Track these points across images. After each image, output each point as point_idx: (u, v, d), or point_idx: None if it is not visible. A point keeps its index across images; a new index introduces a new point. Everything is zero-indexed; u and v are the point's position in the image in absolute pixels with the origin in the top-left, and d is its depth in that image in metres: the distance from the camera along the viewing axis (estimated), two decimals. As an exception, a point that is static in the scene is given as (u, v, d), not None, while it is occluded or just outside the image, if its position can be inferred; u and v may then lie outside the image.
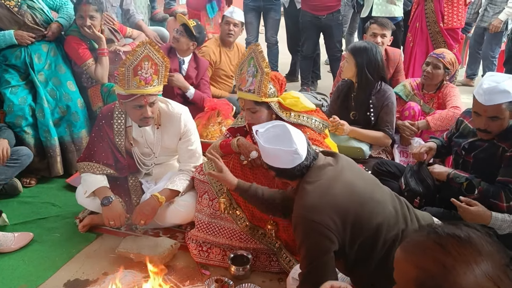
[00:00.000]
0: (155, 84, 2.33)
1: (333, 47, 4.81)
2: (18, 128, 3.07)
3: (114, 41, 3.50)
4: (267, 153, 1.78)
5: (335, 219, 1.61)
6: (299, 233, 1.67)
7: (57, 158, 3.16)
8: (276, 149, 1.74)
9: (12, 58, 3.17)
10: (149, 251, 2.29)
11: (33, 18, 3.18)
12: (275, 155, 1.76)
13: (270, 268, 2.30)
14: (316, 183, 1.70)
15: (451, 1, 4.17)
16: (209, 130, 3.50)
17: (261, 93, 2.24)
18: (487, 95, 2.07)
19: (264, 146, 1.76)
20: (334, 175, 1.72)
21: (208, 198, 2.40)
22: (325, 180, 1.70)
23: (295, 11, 5.06)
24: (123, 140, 2.53)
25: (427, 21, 4.25)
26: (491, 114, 2.11)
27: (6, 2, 3.08)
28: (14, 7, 3.11)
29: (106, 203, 2.39)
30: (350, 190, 1.69)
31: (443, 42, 4.23)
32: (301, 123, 2.36)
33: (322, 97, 4.25)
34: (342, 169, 1.75)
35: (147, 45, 2.27)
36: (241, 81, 2.30)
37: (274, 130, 1.79)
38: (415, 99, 3.34)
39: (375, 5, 4.32)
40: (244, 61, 2.31)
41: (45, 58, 3.27)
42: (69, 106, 3.23)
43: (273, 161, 1.78)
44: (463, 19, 4.28)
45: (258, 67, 2.22)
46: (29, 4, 3.18)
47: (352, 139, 3.02)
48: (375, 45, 3.05)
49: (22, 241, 2.45)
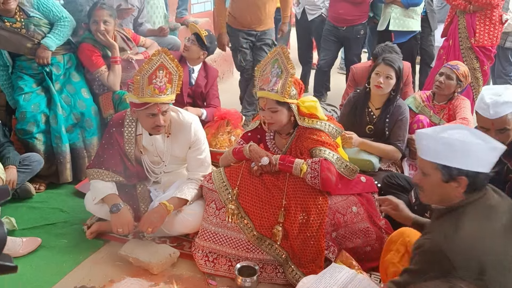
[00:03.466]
0: (168, 93, 2.35)
1: (350, 59, 4.76)
2: (29, 135, 3.10)
3: (126, 49, 3.54)
4: (472, 148, 1.49)
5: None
6: (420, 261, 1.52)
7: (66, 164, 3.18)
8: (486, 146, 1.49)
9: (29, 68, 3.21)
10: (148, 257, 2.30)
11: (43, 36, 3.15)
12: (482, 153, 1.50)
13: (276, 280, 2.29)
14: (479, 226, 1.49)
15: (484, 18, 4.03)
16: (218, 139, 3.50)
17: (284, 93, 2.28)
18: (492, 108, 2.09)
19: (467, 139, 1.49)
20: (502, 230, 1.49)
21: (215, 207, 2.40)
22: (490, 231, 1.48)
23: (306, 22, 5.08)
24: (133, 148, 2.55)
25: (459, 36, 4.15)
26: (499, 127, 2.12)
27: (13, 25, 3.04)
28: (22, 29, 3.08)
29: (115, 211, 2.39)
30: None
31: (475, 58, 4.10)
32: (315, 126, 2.38)
33: (332, 108, 4.24)
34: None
35: (162, 54, 2.29)
36: (264, 81, 2.34)
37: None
38: (425, 111, 3.32)
39: (392, 19, 4.31)
40: (267, 62, 2.34)
41: (63, 68, 3.30)
42: (83, 113, 3.26)
43: (471, 161, 1.50)
44: (495, 38, 4.10)
45: (283, 68, 2.27)
46: (35, 22, 3.13)
47: (362, 152, 3.00)
48: None
49: (30, 246, 2.46)
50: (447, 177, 1.52)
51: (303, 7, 5.09)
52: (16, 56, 3.21)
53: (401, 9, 4.30)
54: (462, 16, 4.12)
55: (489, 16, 4.03)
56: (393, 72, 2.90)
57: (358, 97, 3.11)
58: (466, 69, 3.28)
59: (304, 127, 2.42)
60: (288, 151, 2.47)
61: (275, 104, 2.32)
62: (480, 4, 3.97)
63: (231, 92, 4.82)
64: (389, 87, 2.94)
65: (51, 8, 3.17)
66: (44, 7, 3.15)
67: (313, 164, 2.27)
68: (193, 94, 3.79)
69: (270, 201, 2.34)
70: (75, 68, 3.39)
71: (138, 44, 3.73)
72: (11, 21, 3.05)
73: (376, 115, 3.04)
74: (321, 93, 5.08)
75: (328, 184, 2.26)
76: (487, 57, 4.15)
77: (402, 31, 4.36)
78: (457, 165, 1.49)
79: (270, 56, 2.35)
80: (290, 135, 2.48)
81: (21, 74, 3.22)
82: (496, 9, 4.01)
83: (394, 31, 4.34)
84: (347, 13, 4.49)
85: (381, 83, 2.90)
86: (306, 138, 2.40)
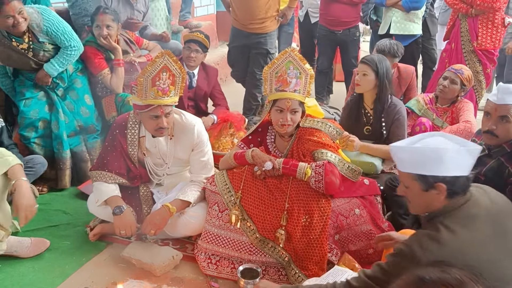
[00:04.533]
0: (171, 95, 2.36)
1: (348, 62, 4.78)
2: (28, 140, 3.11)
3: (129, 52, 3.55)
4: (445, 154, 1.47)
5: None
6: (394, 264, 1.51)
7: (66, 171, 3.18)
8: (460, 149, 1.47)
9: (31, 78, 3.20)
10: (150, 259, 2.30)
11: (49, 57, 3.15)
12: (457, 158, 1.47)
13: (279, 282, 2.28)
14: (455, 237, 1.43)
15: (487, 21, 4.02)
16: (221, 141, 3.51)
17: (306, 93, 2.35)
18: (500, 93, 2.11)
19: (439, 145, 1.49)
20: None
21: (217, 209, 2.40)
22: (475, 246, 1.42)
23: (309, 25, 5.09)
24: (136, 150, 2.55)
25: (462, 40, 4.14)
26: (501, 113, 2.12)
27: (19, 45, 3.02)
28: (29, 51, 3.06)
29: (117, 212, 2.40)
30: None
31: (478, 61, 4.09)
32: (315, 127, 2.39)
33: (334, 111, 4.25)
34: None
35: (165, 56, 2.30)
36: (282, 83, 2.35)
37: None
38: (428, 113, 3.32)
39: (393, 23, 4.30)
40: (278, 64, 2.35)
41: (67, 78, 3.31)
42: (87, 120, 3.28)
43: (446, 167, 1.47)
44: (498, 41, 4.08)
45: (301, 69, 2.31)
46: (44, 48, 3.12)
47: (364, 154, 3.00)
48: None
49: (38, 248, 2.45)
50: (425, 186, 1.51)
51: (306, 9, 5.10)
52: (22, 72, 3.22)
53: (402, 13, 4.30)
54: (464, 19, 4.11)
55: (491, 19, 4.02)
56: (369, 69, 2.92)
57: (353, 99, 3.14)
58: (470, 73, 3.27)
59: (303, 128, 2.44)
60: (290, 153, 2.47)
61: (297, 105, 2.35)
62: (482, 8, 3.96)
63: (233, 95, 4.82)
64: (367, 84, 2.95)
65: (60, 36, 3.11)
66: (53, 34, 3.10)
67: (318, 168, 2.27)
68: (195, 97, 3.80)
69: (273, 204, 2.34)
70: (78, 73, 3.39)
71: (141, 47, 3.75)
72: (19, 41, 3.03)
73: (372, 115, 3.06)
74: (322, 95, 5.08)
75: (332, 188, 2.26)
76: (489, 60, 4.13)
77: (403, 35, 4.35)
78: (432, 172, 1.48)
79: (281, 58, 2.35)
80: (291, 137, 2.49)
81: (23, 79, 3.23)
82: (498, 12, 4.00)
83: (395, 35, 4.33)
84: (343, 16, 4.50)
85: (358, 81, 2.96)
86: (307, 140, 2.41)
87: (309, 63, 5.39)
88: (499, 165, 2.19)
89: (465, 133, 2.97)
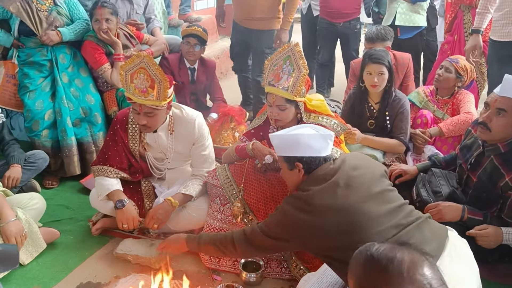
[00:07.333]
0: (151, 97, 2.30)
1: (349, 55, 4.76)
2: (34, 133, 3.14)
3: (129, 46, 3.54)
4: (301, 139, 1.81)
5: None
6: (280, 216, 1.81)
7: (73, 157, 3.18)
8: (314, 134, 1.82)
9: (37, 56, 3.25)
10: (145, 252, 2.31)
11: (60, 24, 3.29)
12: (309, 141, 1.80)
13: (281, 275, 2.29)
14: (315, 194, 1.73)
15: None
16: (222, 135, 3.51)
17: (295, 92, 2.29)
18: (504, 84, 2.07)
19: (300, 132, 1.84)
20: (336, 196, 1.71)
21: (219, 203, 2.41)
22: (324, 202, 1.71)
23: (312, 18, 5.06)
24: (137, 144, 2.56)
25: (465, 31, 4.07)
26: (499, 105, 2.08)
27: (38, 5, 3.20)
28: (45, 12, 3.22)
29: (119, 206, 2.40)
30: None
31: (481, 54, 3.95)
32: (320, 123, 2.38)
33: (335, 104, 4.23)
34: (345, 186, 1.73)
35: (144, 58, 2.28)
36: (274, 77, 2.34)
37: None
38: (429, 105, 3.31)
39: (398, 14, 4.25)
40: (278, 57, 2.34)
41: (69, 60, 3.35)
42: (91, 108, 3.28)
43: (303, 149, 1.81)
44: None
45: (295, 66, 2.27)
46: (59, 10, 3.29)
47: (366, 147, 3.00)
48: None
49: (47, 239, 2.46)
50: (289, 165, 1.86)
51: (309, 2, 5.07)
52: (26, 36, 3.27)
53: (407, 4, 4.26)
54: (468, 10, 4.08)
55: (495, 10, 3.98)
56: (384, 67, 2.91)
57: (356, 94, 3.12)
58: (467, 63, 3.25)
59: (310, 122, 2.42)
60: None
61: (284, 102, 2.33)
62: None
63: (233, 89, 4.82)
64: (384, 83, 2.95)
65: (78, 7, 3.42)
66: (72, 4, 3.39)
67: None
68: (196, 91, 3.80)
69: (274, 197, 2.34)
70: (84, 64, 3.44)
71: (142, 42, 3.73)
72: (40, 2, 3.22)
73: (376, 110, 3.04)
74: (323, 88, 5.07)
75: None
76: None
77: (408, 27, 4.33)
78: (292, 154, 1.83)
79: (282, 51, 2.34)
80: None
81: (27, 71, 3.24)
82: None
83: (400, 26, 4.31)
84: (343, 7, 4.47)
85: (376, 82, 2.91)
86: None
87: (311, 57, 5.43)
88: (494, 170, 2.17)
89: (465, 124, 2.95)
